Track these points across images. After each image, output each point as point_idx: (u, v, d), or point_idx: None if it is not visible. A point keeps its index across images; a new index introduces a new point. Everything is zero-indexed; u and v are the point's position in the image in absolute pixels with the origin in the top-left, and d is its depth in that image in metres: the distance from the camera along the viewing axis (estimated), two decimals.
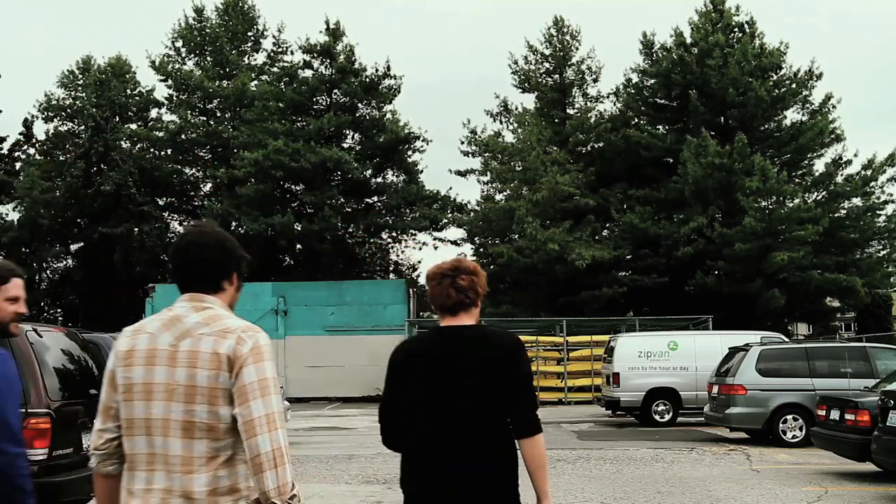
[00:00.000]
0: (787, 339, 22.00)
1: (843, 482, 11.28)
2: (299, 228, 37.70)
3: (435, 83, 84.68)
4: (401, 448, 3.39)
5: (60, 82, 45.21)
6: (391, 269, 42.84)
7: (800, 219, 31.73)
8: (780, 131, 35.95)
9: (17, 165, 43.58)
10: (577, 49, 39.40)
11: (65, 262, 43.62)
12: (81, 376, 7.73)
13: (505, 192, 38.69)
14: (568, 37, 39.25)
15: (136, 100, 44.79)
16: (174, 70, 42.59)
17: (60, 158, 42.50)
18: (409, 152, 40.50)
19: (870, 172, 34.28)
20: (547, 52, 39.52)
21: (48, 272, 44.27)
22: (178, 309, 2.67)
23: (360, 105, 39.77)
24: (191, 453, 2.52)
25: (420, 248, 43.13)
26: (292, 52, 42.35)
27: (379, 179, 40.81)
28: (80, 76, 45.21)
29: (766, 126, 36.02)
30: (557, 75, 39.52)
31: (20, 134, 43.94)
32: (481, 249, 39.09)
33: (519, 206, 34.10)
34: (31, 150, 44.47)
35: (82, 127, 42.25)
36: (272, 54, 44.14)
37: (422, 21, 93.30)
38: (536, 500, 3.34)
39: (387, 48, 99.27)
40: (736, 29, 36.79)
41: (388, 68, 39.61)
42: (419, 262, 42.94)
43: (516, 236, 35.83)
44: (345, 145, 39.64)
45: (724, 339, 19.51)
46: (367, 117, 39.60)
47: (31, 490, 3.02)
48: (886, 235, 35.16)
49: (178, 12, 65.08)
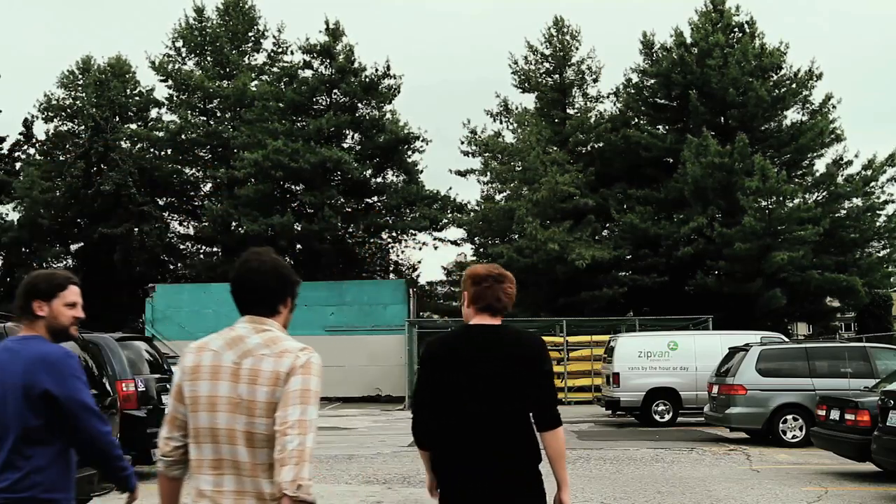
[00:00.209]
0: (787, 339, 22.00)
1: (843, 482, 11.28)
2: (299, 228, 37.65)
3: (435, 83, 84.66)
4: (431, 442, 3.63)
5: (60, 82, 45.17)
6: (391, 269, 42.79)
7: (800, 219, 31.73)
8: (780, 131, 35.93)
9: (17, 165, 43.50)
10: (577, 49, 39.47)
11: (65, 262, 43.48)
12: None
13: (505, 192, 38.71)
14: (568, 37, 39.27)
15: (136, 100, 44.74)
16: (174, 70, 42.53)
17: (60, 158, 42.45)
18: (409, 152, 40.41)
19: (870, 172, 34.29)
20: (547, 52, 39.54)
21: None
22: (239, 329, 2.94)
23: (359, 105, 39.68)
24: (255, 460, 2.78)
25: (420, 248, 43.06)
26: (292, 53, 42.29)
27: (379, 179, 40.73)
28: (80, 76, 45.15)
29: (767, 126, 36.01)
30: (557, 75, 39.53)
31: (20, 134, 43.92)
32: (481, 249, 39.08)
33: (519, 206, 34.10)
34: (31, 150, 44.40)
35: (82, 127, 42.19)
36: (272, 54, 44.07)
37: (422, 21, 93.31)
38: (557, 487, 3.64)
39: (387, 48, 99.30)
40: (736, 29, 36.78)
41: (388, 68, 39.57)
42: (419, 262, 42.98)
43: (516, 236, 35.83)
44: (345, 145, 39.57)
45: (724, 339, 19.53)
46: (367, 117, 39.51)
47: (123, 455, 3.56)
48: (886, 235, 35.13)
49: (178, 12, 65.08)
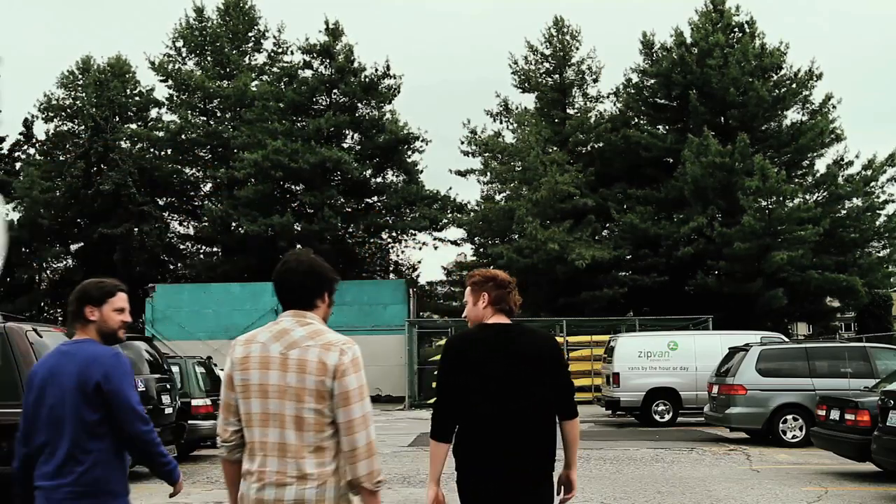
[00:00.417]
0: (787, 339, 22.00)
1: (843, 482, 11.28)
2: (299, 229, 37.61)
3: (435, 83, 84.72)
4: (449, 438, 3.82)
5: (60, 82, 45.16)
6: (391, 269, 42.80)
7: (800, 219, 31.72)
8: (780, 131, 35.92)
9: (17, 165, 43.53)
10: (577, 49, 39.45)
11: (65, 262, 43.54)
12: None
13: (505, 192, 38.68)
14: (568, 37, 39.26)
15: (136, 100, 44.72)
16: (174, 70, 42.50)
17: (60, 158, 42.45)
18: (409, 152, 40.35)
19: (870, 172, 34.28)
20: (547, 52, 39.53)
21: (48, 272, 44.18)
22: (284, 323, 3.24)
23: (359, 105, 39.64)
24: (302, 442, 3.10)
25: (420, 248, 43.07)
26: (292, 53, 42.26)
27: (379, 179, 40.69)
28: (80, 76, 45.14)
29: (767, 126, 36.01)
30: (557, 75, 39.52)
31: (20, 134, 43.96)
32: (481, 249, 39.07)
33: (519, 206, 34.08)
34: (31, 150, 44.42)
35: (82, 127, 42.18)
36: (272, 54, 44.05)
37: (422, 21, 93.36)
38: (566, 466, 4.05)
39: (387, 48, 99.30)
40: (736, 29, 36.78)
41: (388, 68, 39.51)
42: (419, 262, 42.94)
43: (516, 236, 35.81)
44: (344, 145, 39.53)
45: (724, 339, 19.55)
46: (367, 117, 39.47)
47: (165, 451, 3.77)
48: (886, 235, 35.12)
49: (178, 12, 64.98)
